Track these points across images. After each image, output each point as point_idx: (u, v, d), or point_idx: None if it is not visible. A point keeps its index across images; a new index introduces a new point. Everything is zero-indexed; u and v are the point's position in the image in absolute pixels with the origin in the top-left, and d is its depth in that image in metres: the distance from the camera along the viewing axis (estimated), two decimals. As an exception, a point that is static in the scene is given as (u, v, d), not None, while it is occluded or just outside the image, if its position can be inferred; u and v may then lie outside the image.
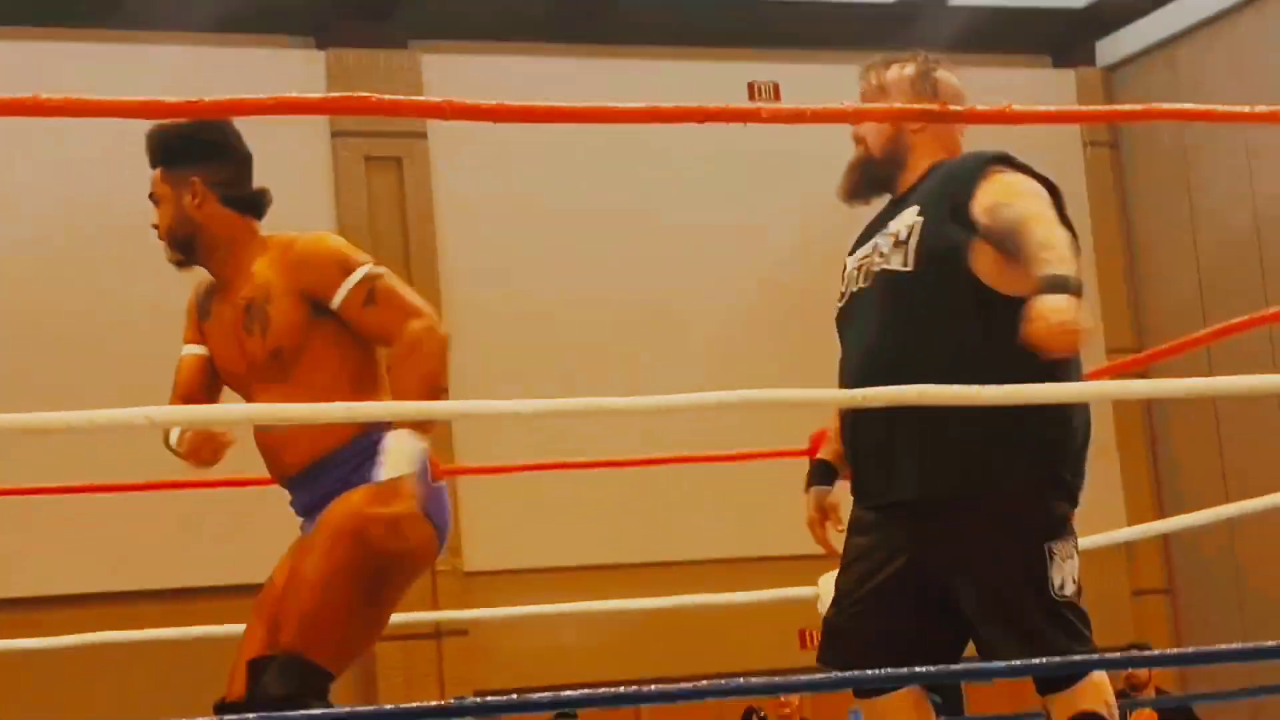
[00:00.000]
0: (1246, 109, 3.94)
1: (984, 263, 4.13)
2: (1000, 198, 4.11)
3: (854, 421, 4.27)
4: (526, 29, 15.01)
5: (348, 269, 4.39)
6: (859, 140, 4.39)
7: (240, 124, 4.50)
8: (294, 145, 13.54)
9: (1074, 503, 4.23)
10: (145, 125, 4.43)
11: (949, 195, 4.17)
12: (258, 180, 4.53)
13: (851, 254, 4.42)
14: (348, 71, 13.98)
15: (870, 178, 4.35)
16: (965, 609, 4.15)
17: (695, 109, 3.46)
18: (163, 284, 5.15)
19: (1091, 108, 15.31)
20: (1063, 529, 4.14)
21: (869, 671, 4.15)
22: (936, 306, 4.15)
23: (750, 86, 14.68)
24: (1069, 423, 4.17)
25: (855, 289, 4.29)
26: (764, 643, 12.28)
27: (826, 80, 14.92)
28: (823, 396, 4.26)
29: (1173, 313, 15.67)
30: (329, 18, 14.68)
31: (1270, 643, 3.67)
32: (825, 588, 6.87)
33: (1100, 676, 4.17)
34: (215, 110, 3.58)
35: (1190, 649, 14.02)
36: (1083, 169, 16.13)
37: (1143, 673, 12.12)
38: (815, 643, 11.68)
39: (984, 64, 15.54)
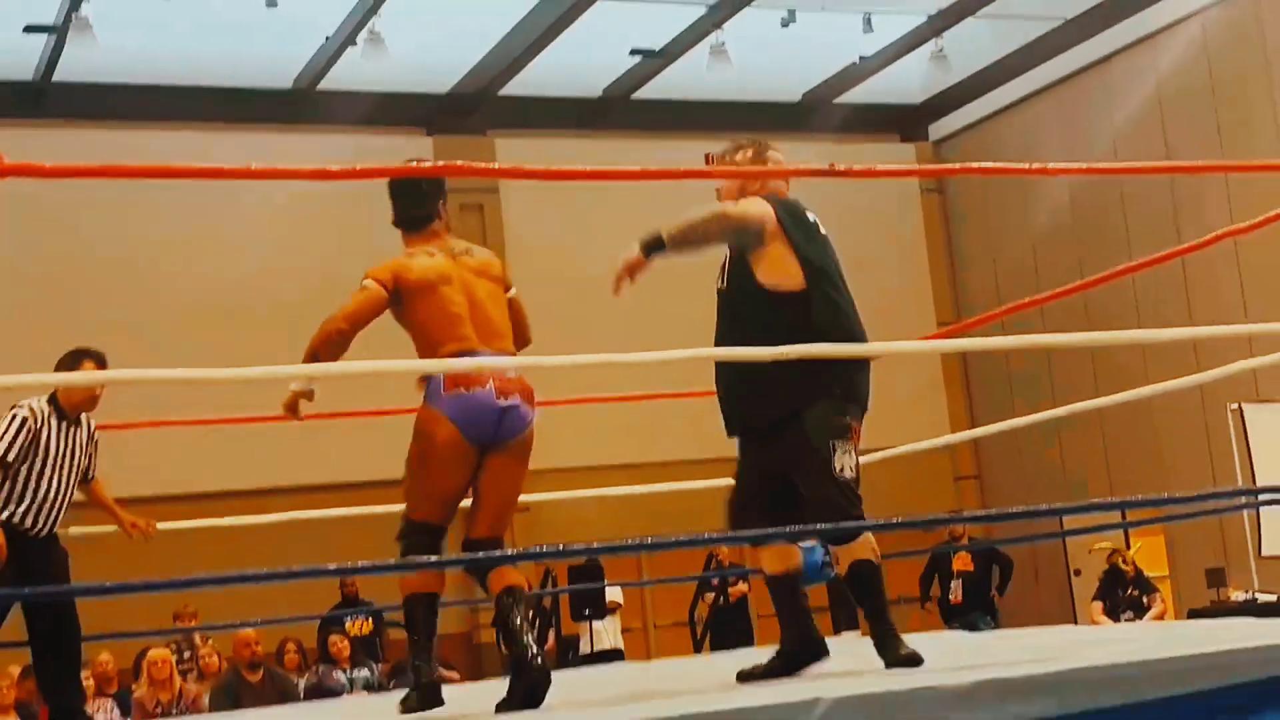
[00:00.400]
0: (1010, 165, 4.56)
1: (761, 273, 4.52)
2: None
3: (717, 381, 4.66)
4: (569, 123, 15.52)
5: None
6: (720, 196, 4.77)
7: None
8: None
9: (852, 415, 4.47)
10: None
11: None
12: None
13: None
14: (447, 150, 14.60)
15: None
16: (799, 488, 4.47)
17: (673, 170, 4.34)
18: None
19: (914, 166, 16.14)
20: (844, 433, 4.40)
21: (769, 530, 4.48)
22: (742, 307, 4.58)
23: (707, 157, 15.85)
24: (839, 368, 4.44)
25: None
26: (720, 514, 13.68)
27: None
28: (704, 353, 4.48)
29: (979, 296, 16.43)
30: (435, 116, 15.18)
31: (1038, 506, 4.35)
32: None
33: (869, 536, 4.43)
34: (377, 174, 3.83)
35: (974, 511, 14.58)
36: (920, 205, 17.18)
37: (960, 529, 12.77)
38: None
39: (855, 141, 16.43)
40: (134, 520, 6.30)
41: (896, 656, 4.24)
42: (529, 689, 4.22)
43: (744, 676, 4.43)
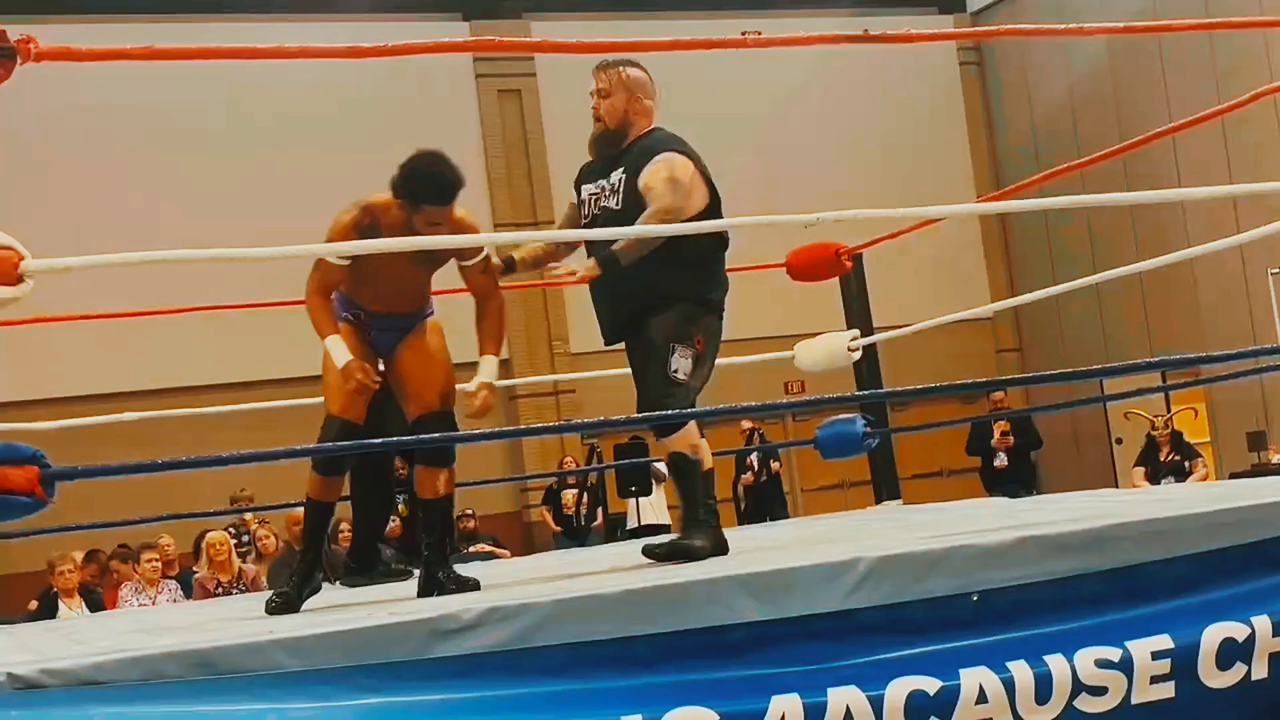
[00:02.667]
0: (1045, 26, 4.20)
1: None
2: (649, 180, 4.44)
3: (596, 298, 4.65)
4: (605, 4, 15.45)
5: None
6: (599, 119, 4.68)
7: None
8: (453, 86, 14.37)
9: (702, 327, 4.50)
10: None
11: (638, 165, 4.50)
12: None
13: (580, 185, 4.74)
14: (483, 34, 13.54)
15: (608, 141, 4.65)
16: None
17: (707, 40, 4.28)
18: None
19: (951, 31, 16.18)
20: (686, 338, 4.45)
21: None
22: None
23: (743, 33, 15.76)
24: (695, 278, 4.50)
25: (592, 213, 4.63)
26: (763, 393, 12.32)
27: (794, 29, 16.33)
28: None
29: (1019, 168, 15.83)
30: (470, 1, 15.09)
31: (1072, 369, 4.17)
32: (799, 352, 7.03)
33: (690, 433, 4.42)
34: (408, 51, 3.72)
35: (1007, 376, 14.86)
36: (959, 77, 17.04)
37: (1001, 396, 12.90)
38: (797, 390, 12.71)
39: (895, 14, 16.24)
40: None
41: (687, 547, 4.29)
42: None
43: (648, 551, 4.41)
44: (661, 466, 11.68)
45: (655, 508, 11.91)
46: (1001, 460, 12.35)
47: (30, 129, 13.21)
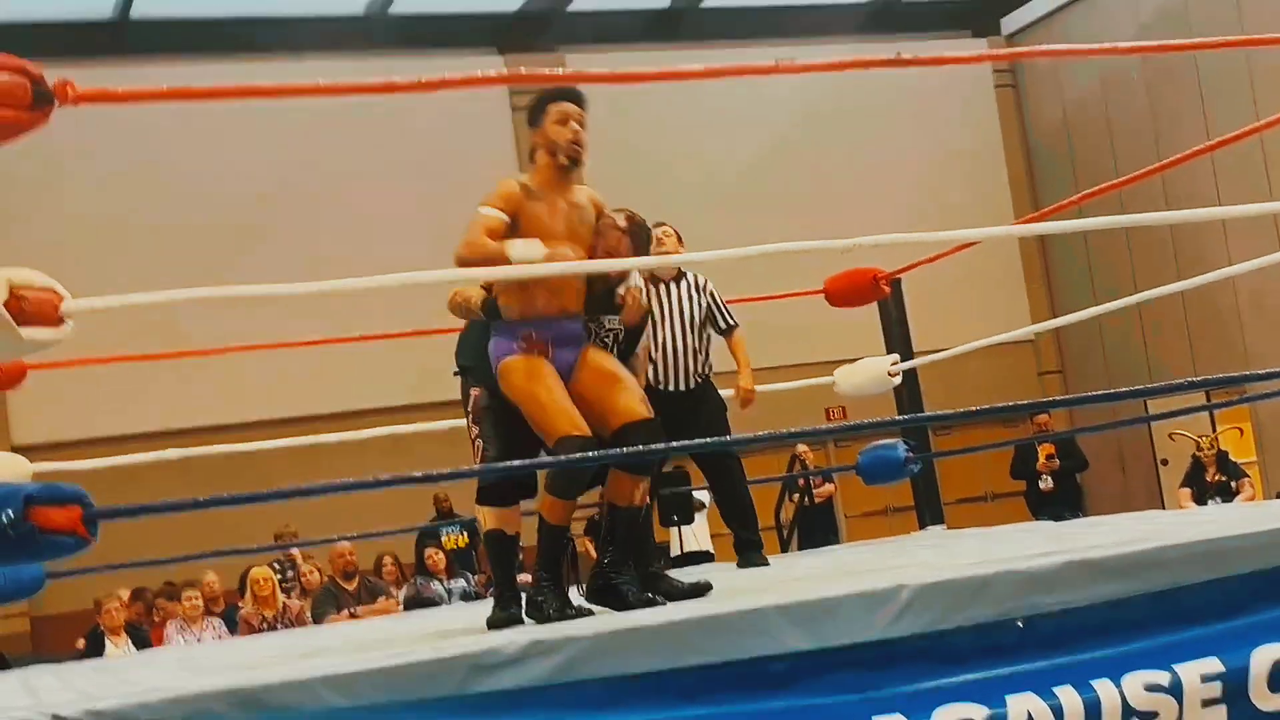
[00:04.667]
0: (1082, 46, 4.19)
1: None
2: None
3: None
4: (639, 35, 15.43)
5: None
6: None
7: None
8: (488, 116, 14.07)
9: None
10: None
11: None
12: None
13: None
14: (517, 66, 13.89)
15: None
16: None
17: (740, 67, 4.24)
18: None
19: (986, 53, 15.26)
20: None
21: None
22: None
23: (776, 62, 15.63)
24: None
25: None
26: (804, 419, 11.93)
27: (828, 56, 16.26)
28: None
29: (1056, 191, 15.70)
30: (505, 35, 15.03)
31: (1116, 389, 4.33)
32: (840, 378, 7.04)
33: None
34: (443, 86, 3.78)
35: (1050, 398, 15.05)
36: (995, 101, 16.90)
37: (1045, 419, 12.48)
38: (836, 415, 12.64)
39: (928, 39, 16.11)
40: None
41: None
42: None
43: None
44: (703, 496, 11.72)
45: (698, 536, 11.83)
46: (1047, 483, 12.23)
47: (67, 169, 13.28)
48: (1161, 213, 4.48)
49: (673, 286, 6.09)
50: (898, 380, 6.87)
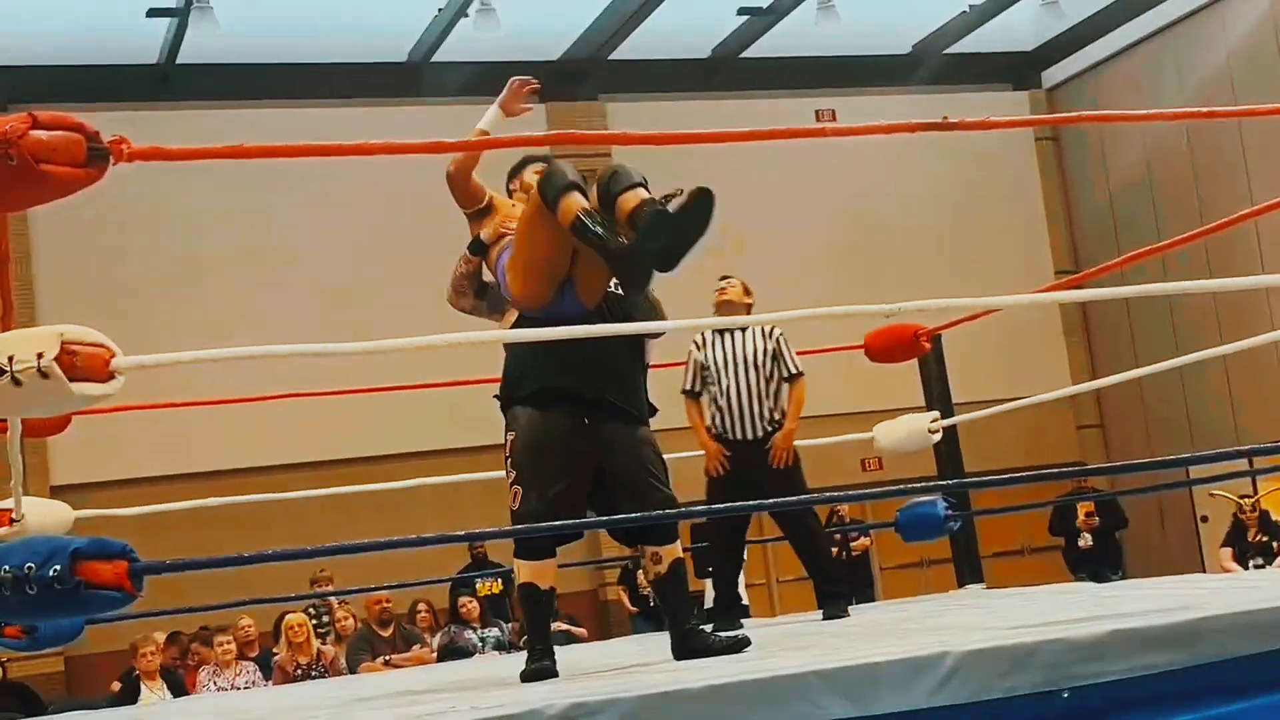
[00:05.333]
0: (1126, 112, 4.26)
1: None
2: None
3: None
4: (679, 84, 15.46)
5: None
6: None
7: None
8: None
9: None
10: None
11: None
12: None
13: None
14: (560, 116, 14.67)
15: None
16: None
17: (783, 130, 4.25)
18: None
19: (1027, 116, 15.73)
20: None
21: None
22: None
23: (817, 113, 15.38)
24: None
25: None
26: (840, 470, 13.01)
27: (869, 108, 16.36)
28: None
29: (1097, 243, 16.02)
30: (546, 83, 15.51)
31: (1158, 457, 4.44)
32: (879, 434, 7.05)
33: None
34: (489, 145, 3.83)
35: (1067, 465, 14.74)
36: (1035, 153, 16.80)
37: (1085, 481, 12.65)
38: (872, 466, 12.64)
39: (967, 91, 16.12)
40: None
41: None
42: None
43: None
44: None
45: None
46: (1086, 541, 12.19)
47: (113, 222, 13.40)
48: (1201, 281, 4.40)
49: (738, 334, 6.21)
50: (938, 437, 6.84)
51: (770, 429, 6.21)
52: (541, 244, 4.29)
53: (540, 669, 4.29)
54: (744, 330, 6.23)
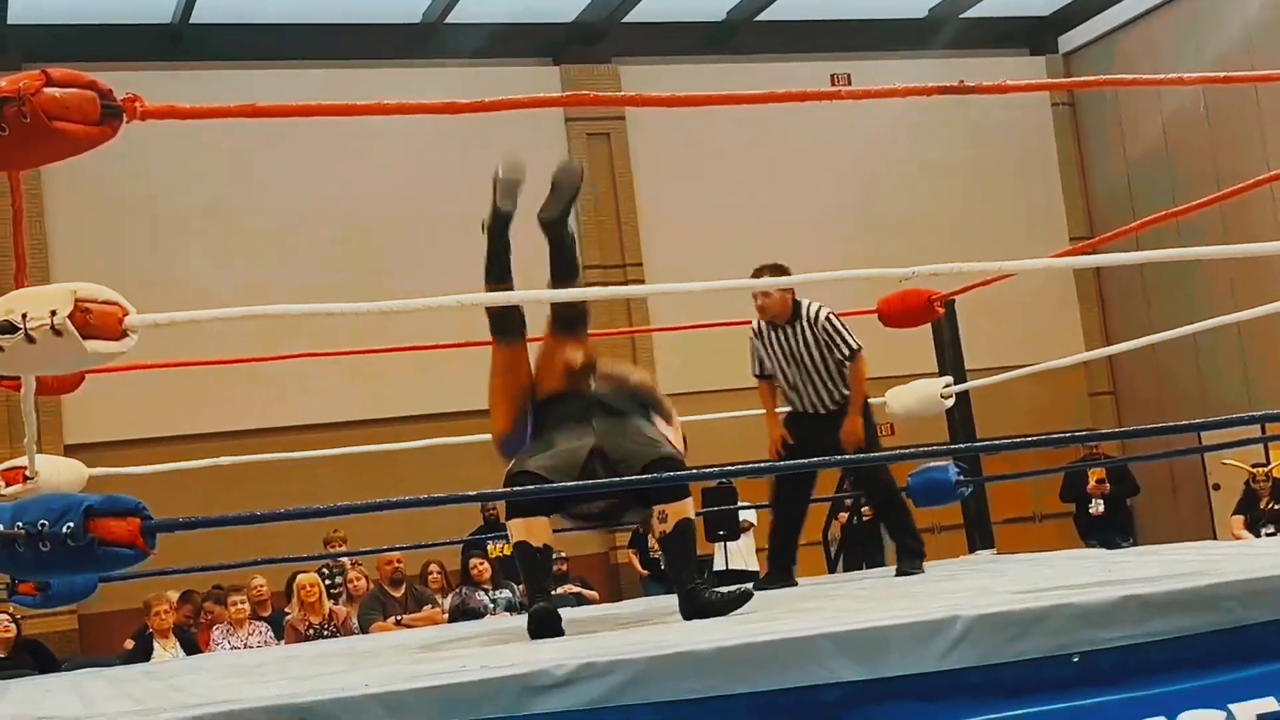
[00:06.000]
0: (1144, 77, 4.19)
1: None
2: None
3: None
4: (694, 47, 15.41)
5: None
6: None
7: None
8: (543, 130, 14.17)
9: None
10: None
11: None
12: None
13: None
14: (574, 79, 14.79)
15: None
16: None
17: (800, 93, 4.28)
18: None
19: (1049, 81, 16.02)
20: None
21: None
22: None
23: (832, 77, 15.32)
24: None
25: None
26: None
27: (884, 72, 16.32)
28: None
29: (1112, 208, 16.00)
30: (561, 45, 15.11)
31: (1170, 422, 4.27)
32: (891, 399, 7.02)
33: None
34: (510, 106, 3.52)
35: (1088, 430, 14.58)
36: (1051, 119, 16.80)
37: (1096, 445, 12.66)
38: (884, 432, 12.53)
39: (983, 56, 16.07)
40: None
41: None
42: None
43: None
44: (751, 515, 11.71)
45: (744, 553, 11.83)
46: (1097, 507, 12.17)
47: (129, 181, 13.41)
48: (1216, 246, 4.35)
49: (788, 328, 6.21)
50: (950, 403, 6.83)
51: (837, 406, 6.23)
52: (496, 362, 4.64)
53: (538, 611, 4.38)
54: (793, 324, 6.20)
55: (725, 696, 3.00)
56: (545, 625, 4.36)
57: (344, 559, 10.81)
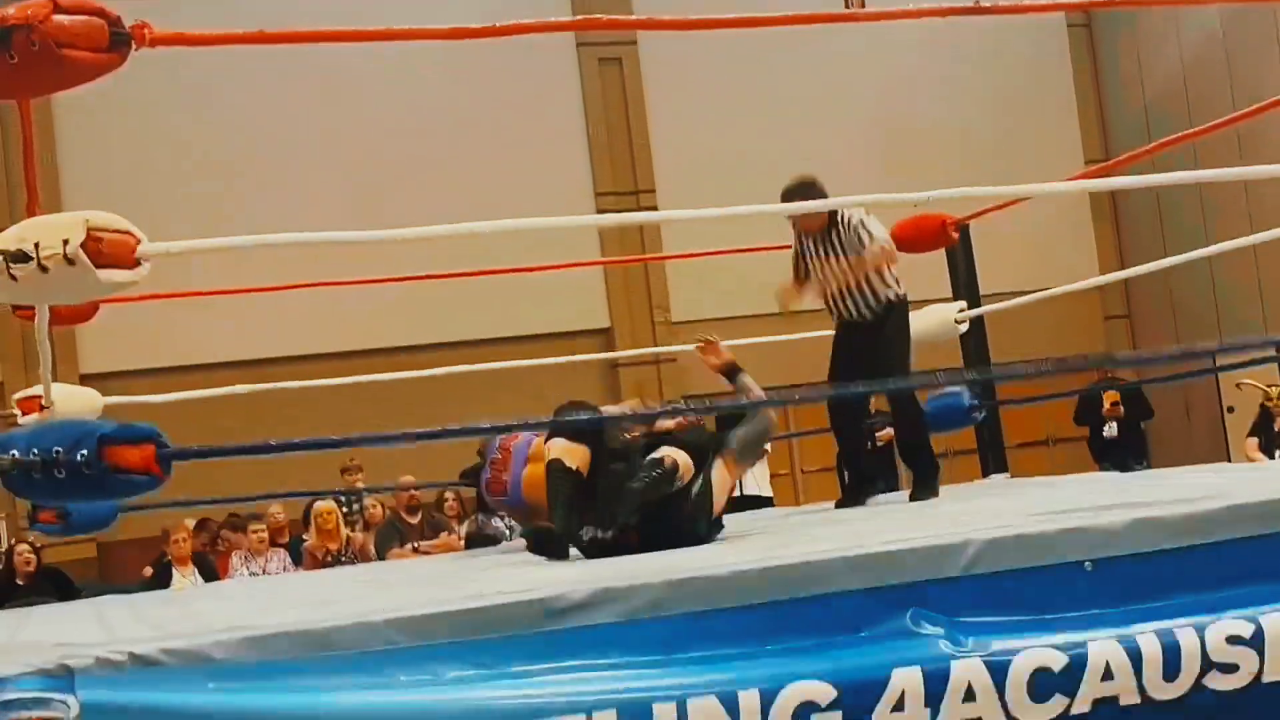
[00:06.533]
0: None
1: None
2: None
3: None
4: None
5: None
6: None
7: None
8: (554, 54, 14.02)
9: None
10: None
11: None
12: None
13: None
14: (584, 3, 14.31)
15: None
16: None
17: (814, 15, 4.24)
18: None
19: (1063, 1, 15.85)
20: None
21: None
22: None
23: (846, 3, 14.45)
24: None
25: None
26: None
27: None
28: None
29: (1128, 130, 15.89)
30: None
31: (1186, 345, 4.31)
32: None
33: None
34: (520, 30, 3.51)
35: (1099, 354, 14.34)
36: (1067, 39, 16.70)
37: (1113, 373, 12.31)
38: None
39: (1006, -24, 16.92)
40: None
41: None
42: None
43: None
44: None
45: (758, 480, 11.83)
46: (1111, 430, 12.15)
47: (140, 108, 13.37)
48: (1230, 168, 4.29)
49: (823, 238, 5.97)
50: (964, 328, 6.83)
51: (877, 311, 6.03)
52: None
53: (542, 530, 4.55)
54: (828, 232, 5.96)
55: (748, 607, 3.03)
56: (546, 546, 4.40)
57: (360, 483, 10.88)
